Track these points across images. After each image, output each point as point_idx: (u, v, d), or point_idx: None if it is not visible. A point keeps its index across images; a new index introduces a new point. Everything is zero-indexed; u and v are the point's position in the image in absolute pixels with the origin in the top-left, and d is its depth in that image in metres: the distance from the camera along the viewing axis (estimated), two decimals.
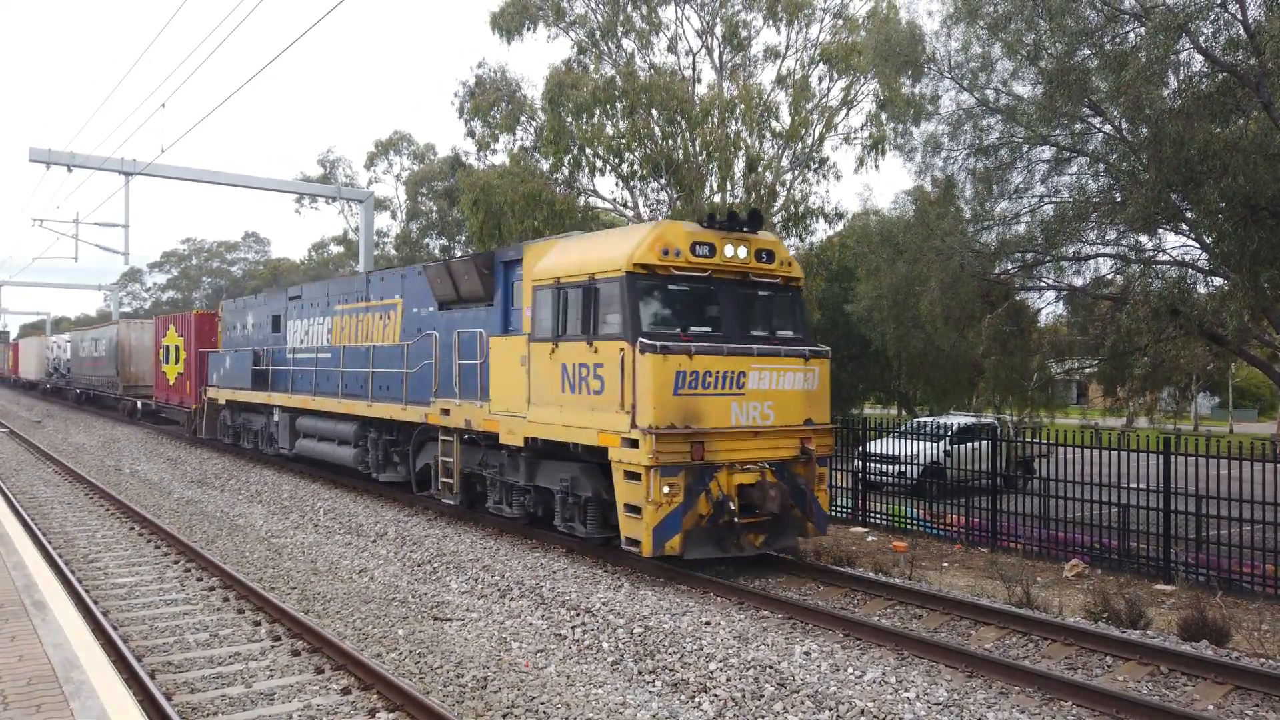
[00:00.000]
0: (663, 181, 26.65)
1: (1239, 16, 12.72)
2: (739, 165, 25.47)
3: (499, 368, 13.25)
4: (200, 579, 11.52)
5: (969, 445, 16.98)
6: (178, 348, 29.42)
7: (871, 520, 15.97)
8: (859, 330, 23.29)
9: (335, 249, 59.02)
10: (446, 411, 14.49)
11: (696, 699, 7.51)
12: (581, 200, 28.09)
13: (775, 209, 26.49)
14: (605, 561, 12.15)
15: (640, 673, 8.14)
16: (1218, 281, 14.57)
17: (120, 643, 8.40)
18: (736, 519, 10.88)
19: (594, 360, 11.32)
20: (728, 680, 7.84)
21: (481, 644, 8.93)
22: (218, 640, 9.03)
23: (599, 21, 27.31)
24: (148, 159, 26.59)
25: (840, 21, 26.43)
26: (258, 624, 9.53)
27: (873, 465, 17.20)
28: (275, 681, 7.86)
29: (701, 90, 26.69)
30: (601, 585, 10.93)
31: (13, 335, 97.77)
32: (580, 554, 12.60)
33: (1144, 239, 15.44)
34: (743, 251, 11.73)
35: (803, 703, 7.38)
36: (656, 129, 25.64)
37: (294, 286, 23.31)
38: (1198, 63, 13.22)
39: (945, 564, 13.01)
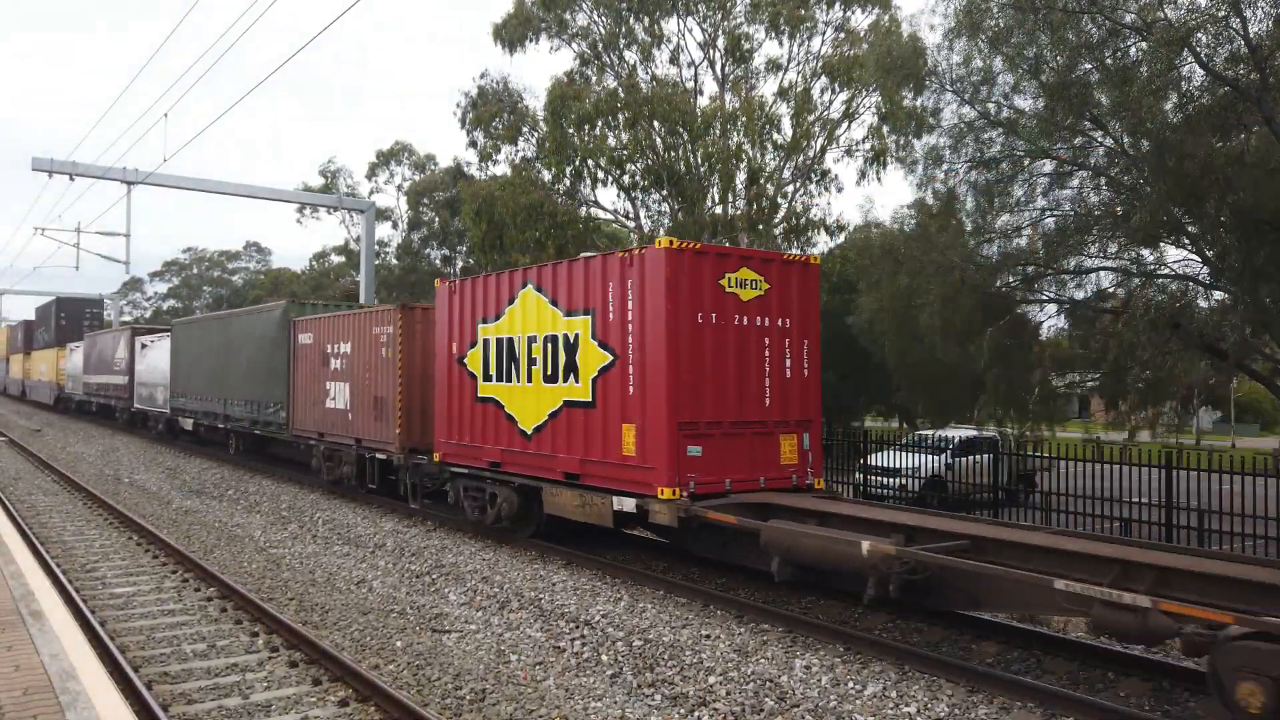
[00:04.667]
0: (664, 193, 26.69)
1: (1240, 31, 12.75)
2: (740, 177, 25.50)
3: None
4: (198, 589, 11.48)
5: (970, 459, 16.95)
6: None
7: None
8: (861, 343, 23.29)
9: (336, 259, 59.07)
10: None
11: (696, 713, 7.47)
12: (583, 211, 28.14)
13: (777, 220, 26.53)
14: (605, 573, 12.11)
15: (639, 686, 8.10)
16: (1219, 295, 14.57)
17: (117, 653, 8.36)
18: None
19: None
20: (727, 694, 7.79)
21: (480, 656, 8.89)
22: (215, 651, 8.98)
23: (601, 33, 27.40)
24: (149, 168, 26.66)
25: (842, 34, 26.51)
26: (255, 635, 9.48)
27: (874, 478, 17.17)
28: (273, 693, 7.82)
29: (703, 102, 26.77)
30: (601, 597, 10.89)
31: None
32: (580, 565, 12.56)
33: (1145, 252, 15.46)
34: None
35: (803, 717, 7.34)
36: (658, 140, 25.69)
37: None
38: (1199, 77, 13.25)
39: None
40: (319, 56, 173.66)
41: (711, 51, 27.14)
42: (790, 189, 26.90)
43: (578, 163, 26.34)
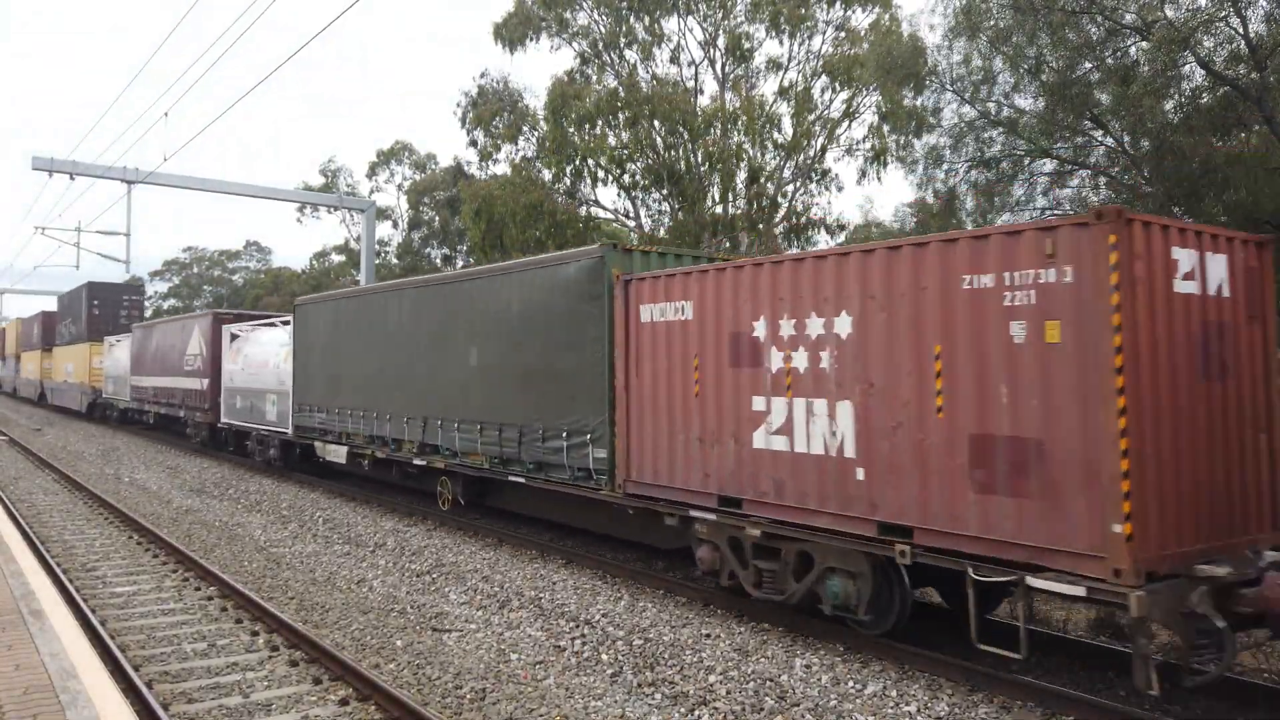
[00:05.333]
0: (665, 192, 26.71)
1: (1240, 31, 12.76)
2: (741, 176, 25.53)
3: None
4: (198, 588, 11.48)
5: None
6: None
7: None
8: None
9: (337, 258, 59.15)
10: None
11: (696, 711, 7.47)
12: (583, 210, 28.15)
13: (777, 220, 26.54)
14: (605, 572, 12.11)
15: (640, 685, 8.10)
16: None
17: (118, 652, 8.37)
18: None
19: None
20: (728, 693, 7.80)
21: (480, 655, 8.89)
22: (215, 650, 8.99)
23: (602, 32, 27.42)
24: (150, 167, 26.68)
25: (843, 34, 26.55)
26: (255, 634, 9.49)
27: None
28: (273, 692, 7.82)
29: (704, 101, 26.80)
30: (601, 596, 10.90)
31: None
32: (580, 565, 12.56)
33: None
34: None
35: (803, 716, 7.34)
36: (659, 140, 25.71)
37: None
38: (1199, 76, 13.26)
39: None
40: (319, 56, 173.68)
41: (712, 51, 27.16)
42: (790, 188, 26.92)
43: (578, 162, 26.38)
